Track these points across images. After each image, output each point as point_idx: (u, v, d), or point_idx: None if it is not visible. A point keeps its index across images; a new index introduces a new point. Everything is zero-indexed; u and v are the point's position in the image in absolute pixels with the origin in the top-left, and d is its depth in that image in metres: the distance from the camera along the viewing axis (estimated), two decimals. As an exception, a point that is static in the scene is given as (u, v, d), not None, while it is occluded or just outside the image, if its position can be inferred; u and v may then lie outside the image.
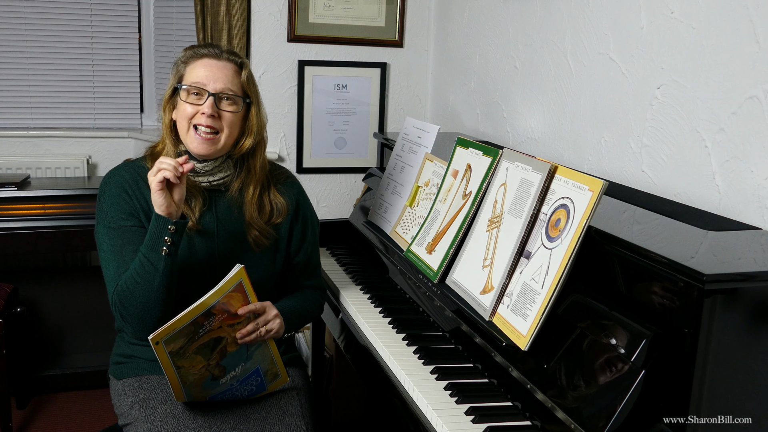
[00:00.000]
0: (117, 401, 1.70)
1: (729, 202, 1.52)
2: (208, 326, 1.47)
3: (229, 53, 1.66)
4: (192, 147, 1.62)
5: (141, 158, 1.72)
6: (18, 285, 2.84)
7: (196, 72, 1.61)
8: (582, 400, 1.22)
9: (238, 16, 2.88)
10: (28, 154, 3.06)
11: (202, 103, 1.59)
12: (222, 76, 1.61)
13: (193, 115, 1.60)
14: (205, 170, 1.65)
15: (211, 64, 1.62)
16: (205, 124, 1.59)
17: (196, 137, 1.60)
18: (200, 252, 1.66)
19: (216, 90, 1.60)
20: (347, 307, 2.00)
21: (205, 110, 1.58)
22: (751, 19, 1.46)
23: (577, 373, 1.26)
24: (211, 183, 1.67)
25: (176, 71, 1.65)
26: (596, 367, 1.23)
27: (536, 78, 2.27)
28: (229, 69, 1.63)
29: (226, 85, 1.61)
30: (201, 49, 1.65)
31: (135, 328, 1.56)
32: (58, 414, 2.84)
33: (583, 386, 1.23)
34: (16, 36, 3.05)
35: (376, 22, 3.10)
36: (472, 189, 1.69)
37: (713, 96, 1.56)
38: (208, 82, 1.60)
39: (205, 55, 1.63)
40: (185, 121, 1.61)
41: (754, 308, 1.12)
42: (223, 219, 1.69)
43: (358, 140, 3.18)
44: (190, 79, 1.61)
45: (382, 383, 1.64)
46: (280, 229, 1.75)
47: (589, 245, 1.31)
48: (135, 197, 1.63)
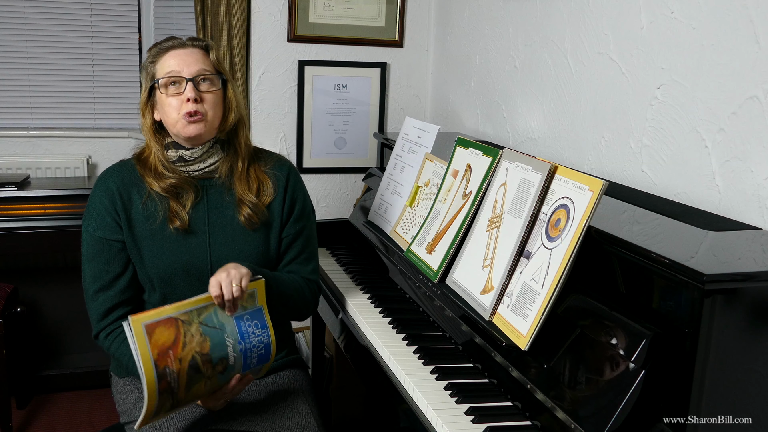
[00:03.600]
0: (119, 399, 1.70)
1: (729, 202, 1.52)
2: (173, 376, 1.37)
3: (193, 40, 1.67)
4: (184, 133, 1.61)
5: (132, 158, 1.72)
6: (18, 285, 2.84)
7: (166, 64, 1.61)
8: (582, 400, 1.22)
9: (238, 16, 2.88)
10: (28, 154, 3.06)
11: (182, 91, 1.59)
12: (193, 61, 1.62)
13: (179, 105, 1.60)
14: (194, 157, 1.65)
15: (179, 53, 1.62)
16: (192, 110, 1.59)
17: (185, 121, 1.59)
18: (193, 250, 1.65)
19: (192, 74, 1.60)
20: (347, 307, 2.00)
21: (188, 95, 1.58)
22: (751, 19, 1.46)
23: (577, 373, 1.26)
24: (203, 170, 1.67)
25: (147, 73, 1.65)
26: (596, 367, 1.23)
27: (536, 78, 2.27)
28: (197, 53, 1.64)
29: (200, 66, 1.62)
30: (164, 43, 1.65)
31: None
32: (58, 414, 2.84)
33: (583, 386, 1.23)
34: (16, 36, 3.05)
35: (376, 22, 3.10)
36: (472, 189, 1.69)
37: (713, 96, 1.56)
38: (181, 68, 1.60)
39: (170, 48, 1.63)
40: (173, 112, 1.60)
41: (754, 308, 1.12)
42: (215, 207, 1.68)
43: (358, 140, 3.18)
44: (164, 72, 1.61)
45: (382, 383, 1.64)
46: (272, 207, 1.72)
47: (589, 245, 1.31)
48: (120, 208, 1.63)
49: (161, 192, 1.63)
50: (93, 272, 1.64)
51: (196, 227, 1.66)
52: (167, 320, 1.39)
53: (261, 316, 1.53)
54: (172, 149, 1.66)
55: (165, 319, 1.39)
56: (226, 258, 1.63)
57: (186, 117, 1.59)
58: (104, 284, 1.63)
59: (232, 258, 1.62)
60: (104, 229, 1.63)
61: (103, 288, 1.63)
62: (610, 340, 1.23)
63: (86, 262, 1.65)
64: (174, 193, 1.64)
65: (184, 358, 1.39)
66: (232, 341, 1.47)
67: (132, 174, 1.67)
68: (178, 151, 1.65)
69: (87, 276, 1.65)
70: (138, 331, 1.35)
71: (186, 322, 1.41)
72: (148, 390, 1.34)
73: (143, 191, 1.64)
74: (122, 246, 1.63)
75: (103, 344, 1.65)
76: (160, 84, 1.60)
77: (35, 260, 3.10)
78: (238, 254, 1.66)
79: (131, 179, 1.66)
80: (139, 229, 1.63)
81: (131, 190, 1.65)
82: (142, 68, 1.67)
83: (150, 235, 1.63)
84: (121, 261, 1.64)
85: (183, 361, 1.38)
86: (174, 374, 1.37)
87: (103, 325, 1.64)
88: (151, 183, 1.63)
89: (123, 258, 1.64)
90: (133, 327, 1.34)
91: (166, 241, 1.63)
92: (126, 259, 1.64)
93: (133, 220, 1.63)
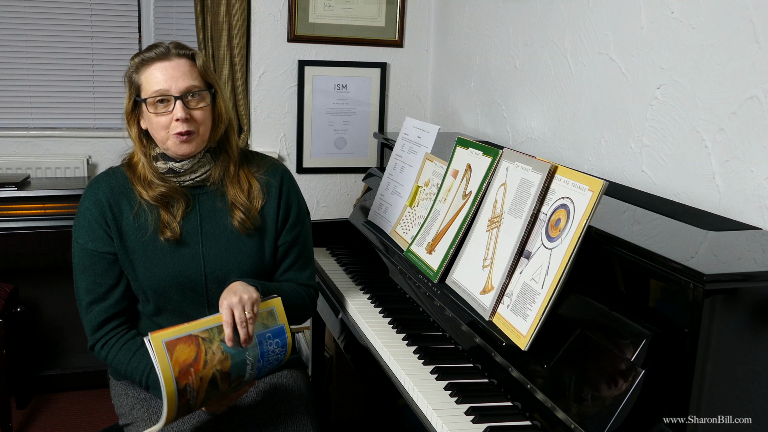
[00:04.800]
0: (117, 401, 1.70)
1: (729, 202, 1.52)
2: (192, 393, 1.37)
3: (177, 48, 1.58)
4: (174, 150, 1.58)
5: (122, 164, 1.68)
6: (18, 285, 2.84)
7: (152, 78, 1.54)
8: (582, 400, 1.22)
9: (238, 16, 2.88)
10: (28, 154, 3.06)
11: (171, 109, 1.54)
12: (180, 75, 1.54)
13: (168, 123, 1.54)
14: (185, 169, 1.61)
15: (165, 66, 1.54)
16: (183, 130, 1.54)
17: (176, 140, 1.56)
18: (186, 261, 1.62)
19: (180, 91, 1.54)
20: (347, 307, 2.00)
21: (178, 116, 1.53)
22: (751, 19, 1.46)
23: (577, 373, 1.26)
24: (194, 180, 1.64)
25: (130, 83, 1.58)
26: (596, 367, 1.23)
27: (536, 78, 2.27)
28: (184, 65, 1.56)
29: (188, 82, 1.55)
30: (147, 53, 1.57)
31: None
32: (58, 414, 2.84)
33: (584, 386, 1.23)
34: (16, 36, 3.04)
35: (376, 22, 3.10)
36: (472, 189, 1.69)
37: (713, 96, 1.56)
38: (169, 86, 1.53)
39: (154, 59, 1.55)
40: (162, 131, 1.55)
41: (754, 308, 1.12)
42: (207, 215, 1.65)
43: (358, 140, 3.18)
44: (151, 89, 1.54)
45: (382, 383, 1.64)
46: (266, 213, 1.69)
47: (589, 245, 1.31)
48: (110, 220, 1.60)
49: (151, 201, 1.59)
50: (86, 284, 1.61)
51: (188, 238, 1.63)
52: (187, 337, 1.38)
53: (283, 335, 1.52)
54: (161, 161, 1.61)
55: (185, 336, 1.38)
56: (220, 268, 1.62)
57: (177, 137, 1.55)
58: (98, 296, 1.61)
59: (227, 268, 1.61)
60: (95, 242, 1.60)
61: (96, 300, 1.61)
62: (610, 340, 1.23)
63: (78, 273, 1.62)
64: (164, 202, 1.60)
65: (205, 376, 1.39)
66: (252, 359, 1.47)
67: (122, 183, 1.63)
68: (167, 162, 1.61)
69: (80, 288, 1.62)
70: (158, 348, 1.34)
71: (207, 339, 1.41)
72: (168, 406, 1.34)
73: (134, 201, 1.60)
74: (114, 258, 1.60)
75: (99, 354, 1.64)
76: (148, 103, 1.54)
77: (35, 260, 3.10)
78: (233, 264, 1.64)
79: (121, 189, 1.62)
80: (131, 241, 1.60)
81: (121, 201, 1.61)
82: (125, 76, 1.60)
83: (142, 248, 1.60)
84: (114, 273, 1.61)
85: (204, 379, 1.38)
86: (194, 392, 1.37)
87: (98, 336, 1.62)
88: (141, 192, 1.60)
89: (116, 270, 1.61)
90: (154, 343, 1.34)
91: (158, 253, 1.60)
92: (119, 271, 1.62)
93: (124, 232, 1.60)
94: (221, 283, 1.58)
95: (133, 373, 1.60)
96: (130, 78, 1.59)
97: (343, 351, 1.99)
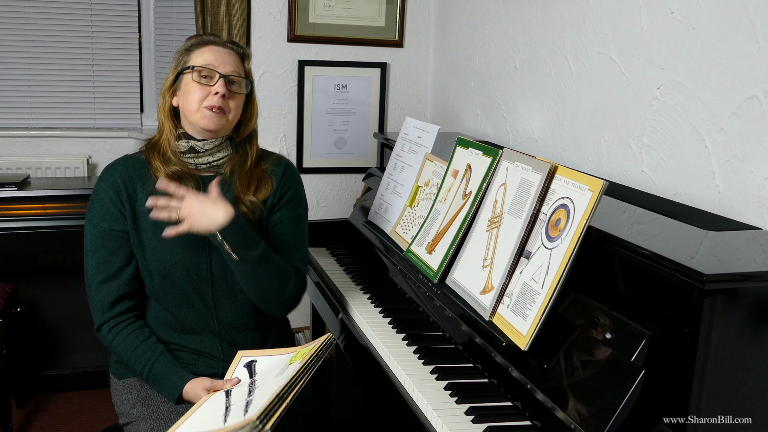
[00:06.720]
0: (118, 400, 1.70)
1: (729, 202, 1.52)
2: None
3: (232, 43, 1.72)
4: (201, 123, 1.63)
5: (139, 152, 1.73)
6: (18, 285, 2.85)
7: (204, 56, 1.65)
8: (582, 400, 1.22)
9: (238, 16, 2.88)
10: (28, 154, 3.06)
11: (213, 84, 1.63)
12: (230, 61, 1.67)
13: (204, 96, 1.63)
14: (205, 149, 1.67)
15: (218, 50, 1.67)
16: (217, 105, 1.62)
17: (207, 113, 1.63)
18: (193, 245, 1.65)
19: (226, 72, 1.65)
20: (347, 307, 2.00)
21: (218, 89, 1.62)
22: (751, 19, 1.46)
23: (577, 373, 1.26)
24: (210, 164, 1.69)
25: (179, 59, 1.69)
26: (596, 367, 1.23)
27: (536, 78, 2.27)
28: (234, 56, 1.69)
29: (234, 68, 1.67)
30: (206, 36, 1.71)
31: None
32: (58, 414, 2.84)
33: (583, 386, 1.23)
34: (16, 36, 3.05)
35: (376, 22, 3.10)
36: (472, 189, 1.69)
37: (713, 96, 1.56)
38: (218, 64, 1.64)
39: (211, 42, 1.68)
40: (196, 103, 1.63)
41: (754, 308, 1.12)
42: None
43: (358, 140, 3.18)
44: (200, 61, 1.64)
45: (382, 383, 1.64)
46: (266, 201, 1.74)
47: (589, 245, 1.31)
48: (125, 199, 1.65)
49: (165, 176, 1.63)
50: (97, 263, 1.65)
51: None
52: None
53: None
54: (184, 139, 1.67)
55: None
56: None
57: (209, 109, 1.62)
58: (108, 275, 1.64)
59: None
60: (109, 220, 1.64)
61: (107, 279, 1.64)
62: (610, 340, 1.23)
63: (90, 253, 1.66)
64: (176, 180, 1.64)
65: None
66: None
67: (137, 167, 1.68)
68: (189, 141, 1.67)
69: (90, 268, 1.65)
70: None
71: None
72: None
73: (148, 185, 1.66)
74: (126, 237, 1.65)
75: (105, 338, 1.66)
76: (195, 70, 1.63)
77: (35, 260, 3.10)
78: None
79: (136, 172, 1.68)
80: (143, 221, 1.64)
81: (136, 183, 1.67)
82: (176, 52, 1.70)
83: (153, 229, 1.64)
84: (126, 252, 1.65)
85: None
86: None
87: (107, 317, 1.64)
88: (157, 168, 1.65)
89: (127, 249, 1.65)
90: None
91: None
92: (130, 251, 1.66)
93: (137, 212, 1.65)
94: (225, 266, 1.65)
95: (136, 363, 1.62)
96: (181, 53, 1.69)
97: (343, 351, 1.99)
